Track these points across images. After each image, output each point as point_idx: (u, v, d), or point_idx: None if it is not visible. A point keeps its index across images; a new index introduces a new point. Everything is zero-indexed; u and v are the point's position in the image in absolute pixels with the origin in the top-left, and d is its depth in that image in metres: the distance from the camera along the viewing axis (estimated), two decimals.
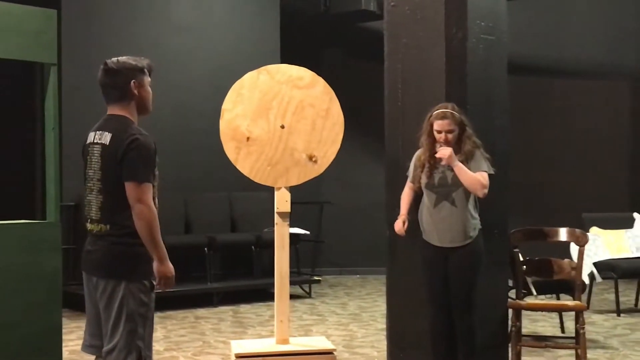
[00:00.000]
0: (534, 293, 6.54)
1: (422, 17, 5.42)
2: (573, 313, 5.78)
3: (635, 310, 8.60)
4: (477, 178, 4.91)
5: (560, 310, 7.05)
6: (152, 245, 3.57)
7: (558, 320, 7.39)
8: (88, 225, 3.71)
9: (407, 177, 5.23)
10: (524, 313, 5.95)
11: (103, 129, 3.67)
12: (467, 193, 4.98)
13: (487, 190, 4.93)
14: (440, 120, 4.97)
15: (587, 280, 7.73)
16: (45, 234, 5.15)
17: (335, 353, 5.04)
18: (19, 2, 5.25)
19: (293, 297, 8.41)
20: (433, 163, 5.06)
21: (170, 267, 3.63)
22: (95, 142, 3.67)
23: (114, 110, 3.71)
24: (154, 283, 3.65)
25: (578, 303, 5.65)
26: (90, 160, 3.69)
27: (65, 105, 8.33)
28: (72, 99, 8.70)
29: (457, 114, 4.98)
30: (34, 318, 5.01)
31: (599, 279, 8.27)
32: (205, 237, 9.20)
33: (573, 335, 5.84)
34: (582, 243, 5.68)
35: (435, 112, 5.01)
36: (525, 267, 5.82)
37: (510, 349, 5.62)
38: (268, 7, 10.61)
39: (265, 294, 9.19)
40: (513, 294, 5.88)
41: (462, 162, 4.94)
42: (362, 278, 11.44)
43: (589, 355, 5.95)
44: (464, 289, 4.99)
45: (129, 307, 3.57)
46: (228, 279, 9.51)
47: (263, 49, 10.17)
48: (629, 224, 8.72)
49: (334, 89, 5.20)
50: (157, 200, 3.66)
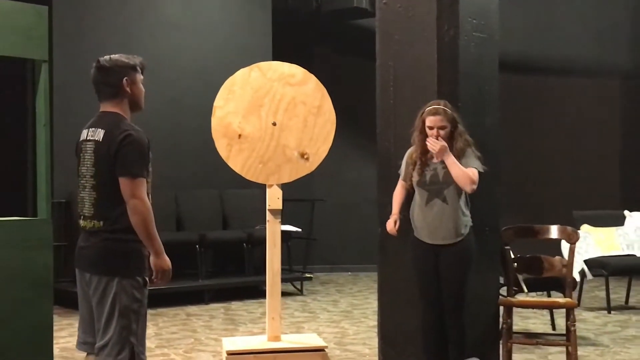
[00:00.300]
0: (525, 290, 6.54)
1: (413, 14, 5.43)
2: (564, 310, 5.79)
3: (626, 308, 8.63)
4: (467, 173, 4.91)
5: (551, 308, 7.08)
6: (148, 240, 3.58)
7: (549, 318, 7.42)
8: (81, 222, 3.71)
9: (399, 175, 5.23)
10: (515, 310, 5.97)
11: (96, 126, 3.68)
12: (458, 190, 4.98)
13: (475, 187, 4.93)
14: (433, 117, 4.98)
15: (577, 278, 7.74)
16: (37, 231, 5.12)
17: (327, 350, 5.03)
18: None
19: (284, 294, 8.43)
20: (425, 160, 5.06)
21: (167, 260, 3.65)
22: (89, 139, 3.68)
23: (107, 108, 3.71)
24: (147, 279, 3.66)
25: (569, 300, 5.67)
26: (84, 157, 3.69)
27: (57, 102, 8.31)
28: (63, 96, 8.68)
29: (449, 111, 4.99)
30: (25, 315, 4.98)
31: (590, 277, 8.30)
32: (197, 234, 9.19)
33: (564, 333, 5.85)
34: (573, 240, 5.70)
35: (428, 108, 5.01)
36: (517, 264, 5.83)
37: (501, 346, 5.63)
38: (260, 4, 10.58)
39: (257, 291, 9.19)
40: (504, 292, 5.89)
41: None
42: (353, 275, 11.45)
43: (580, 352, 5.97)
44: (455, 286, 4.99)
45: (122, 303, 3.57)
46: (219, 276, 9.52)
47: (255, 46, 10.14)
48: (620, 222, 8.76)
49: (326, 86, 5.18)
50: (151, 196, 3.67)
